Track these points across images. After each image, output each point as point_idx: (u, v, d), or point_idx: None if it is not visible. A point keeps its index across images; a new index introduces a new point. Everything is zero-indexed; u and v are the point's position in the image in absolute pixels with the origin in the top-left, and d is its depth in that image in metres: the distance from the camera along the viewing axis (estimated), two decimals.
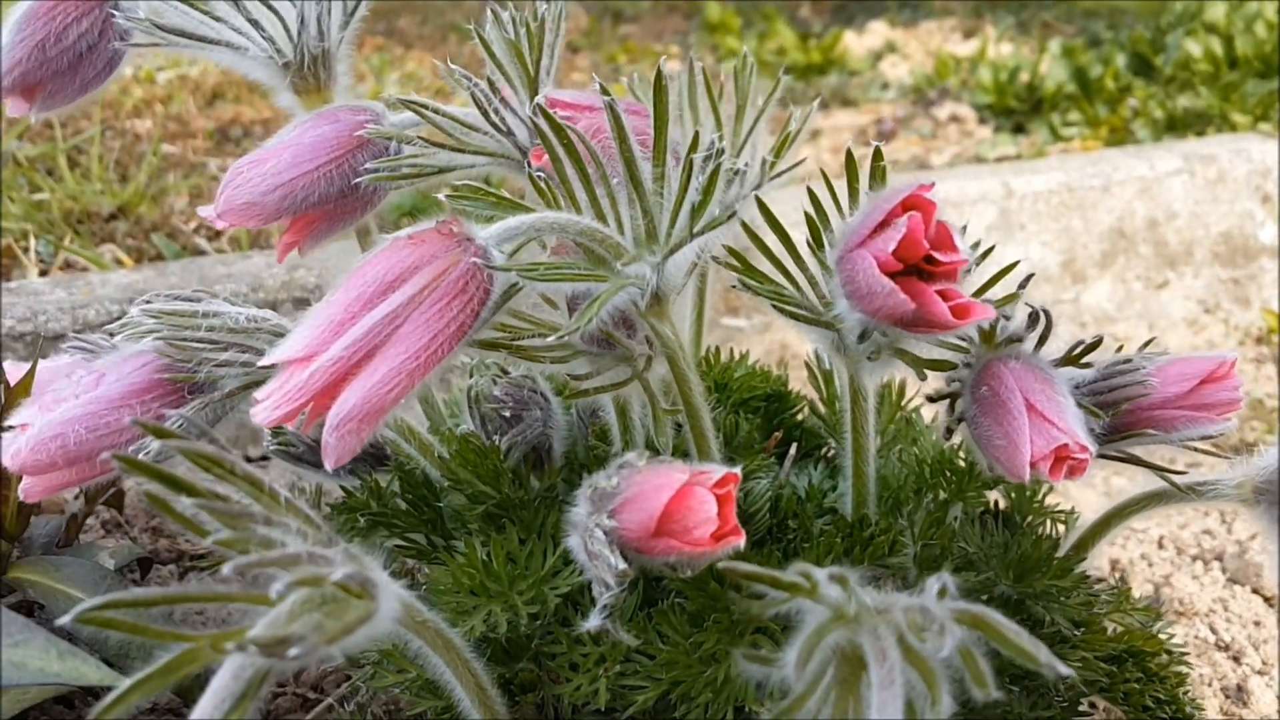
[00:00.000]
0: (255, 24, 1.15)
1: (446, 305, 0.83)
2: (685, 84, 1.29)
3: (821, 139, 4.25)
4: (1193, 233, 3.06)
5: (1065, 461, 0.87)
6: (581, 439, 1.13)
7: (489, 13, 1.07)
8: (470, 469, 1.08)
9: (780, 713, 0.64)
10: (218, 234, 2.99)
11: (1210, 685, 1.60)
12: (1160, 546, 2.01)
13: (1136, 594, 1.84)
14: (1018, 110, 4.11)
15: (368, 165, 1.10)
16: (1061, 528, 1.26)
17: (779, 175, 1.24)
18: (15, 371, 1.25)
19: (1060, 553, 1.15)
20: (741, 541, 0.79)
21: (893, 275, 0.80)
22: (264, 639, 0.63)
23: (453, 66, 1.06)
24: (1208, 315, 3.00)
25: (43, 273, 2.67)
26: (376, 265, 0.84)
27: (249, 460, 1.84)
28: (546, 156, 1.06)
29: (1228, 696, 1.59)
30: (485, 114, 1.06)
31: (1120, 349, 1.12)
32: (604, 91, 0.86)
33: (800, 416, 1.29)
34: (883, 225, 0.81)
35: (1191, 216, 3.03)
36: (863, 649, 0.68)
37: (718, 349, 1.33)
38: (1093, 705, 1.22)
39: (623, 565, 0.80)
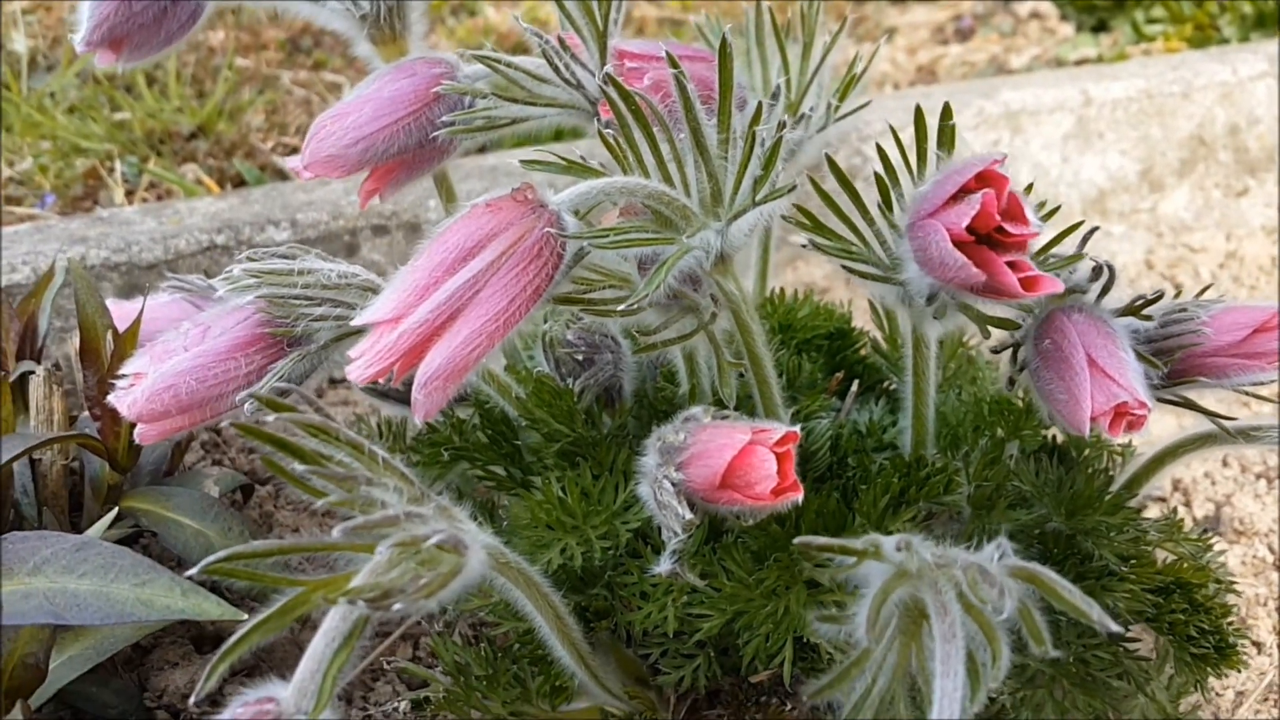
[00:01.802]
0: None
1: (523, 270, 0.88)
2: (753, 23, 1.31)
3: (898, 37, 4.17)
4: (1275, 139, 2.99)
5: (1124, 417, 0.91)
6: (650, 379, 1.19)
7: None
8: (546, 409, 1.14)
9: (851, 663, 0.70)
10: (295, 150, 3.05)
11: (1265, 605, 1.64)
12: (1224, 464, 2.02)
13: (1198, 513, 1.88)
14: (1100, 6, 3.98)
15: (444, 119, 1.15)
16: (1119, 458, 1.29)
17: (844, 117, 1.26)
18: (118, 310, 1.34)
19: (1115, 486, 1.19)
20: (800, 496, 0.85)
21: (965, 244, 0.83)
22: (367, 588, 0.71)
23: (524, 24, 1.09)
24: None
25: (128, 193, 2.76)
26: (457, 232, 0.89)
27: (333, 382, 1.93)
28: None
29: None
30: (556, 70, 1.10)
31: (1165, 285, 1.13)
32: (672, 63, 0.89)
33: (863, 352, 1.33)
34: (956, 197, 0.83)
35: (1276, 121, 2.96)
36: (924, 602, 0.73)
37: (782, 290, 1.36)
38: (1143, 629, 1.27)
39: (690, 516, 0.86)
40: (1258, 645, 1.55)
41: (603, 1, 1.09)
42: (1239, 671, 1.22)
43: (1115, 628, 0.67)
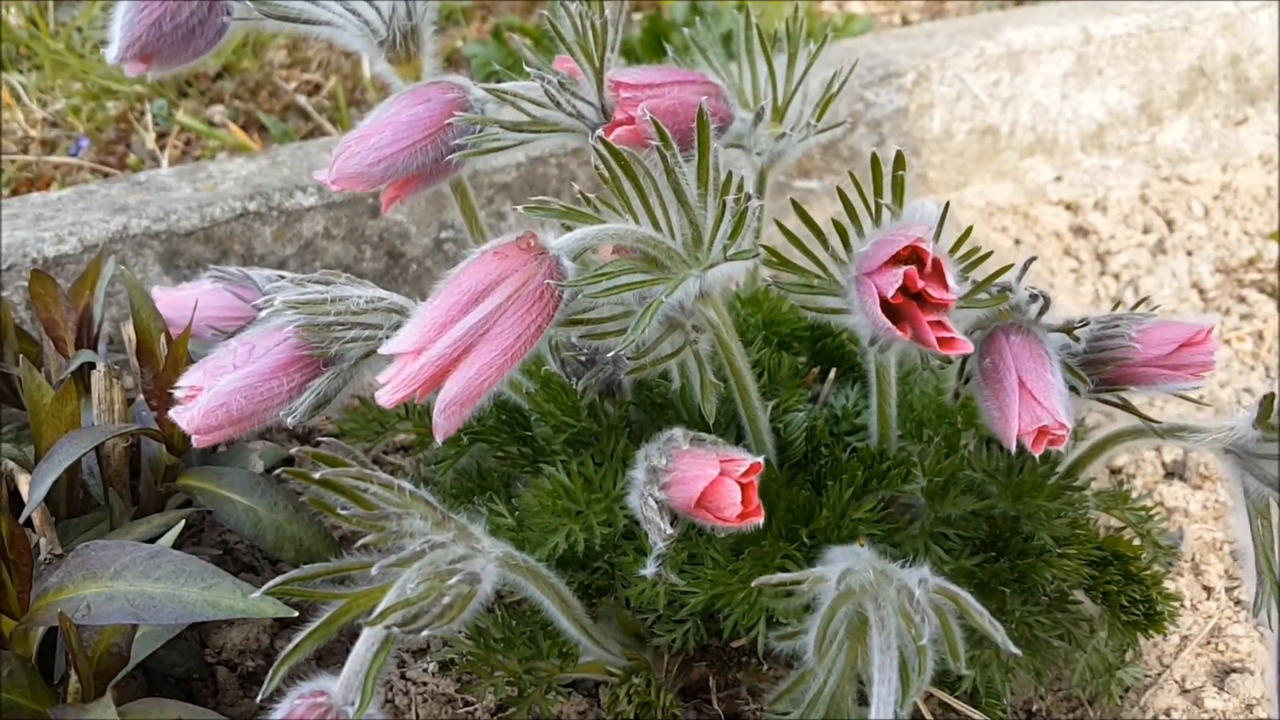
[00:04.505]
0: (352, 11, 1.30)
1: (526, 311, 1.01)
2: (743, 35, 1.41)
3: None
4: (1276, 67, 3.03)
5: (1046, 436, 1.04)
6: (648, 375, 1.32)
7: (560, 8, 1.20)
8: (554, 403, 1.29)
9: (800, 676, 0.85)
10: (317, 89, 3.15)
11: (1219, 550, 1.78)
12: (1199, 408, 2.15)
13: (1166, 458, 2.01)
14: None
15: (457, 142, 1.27)
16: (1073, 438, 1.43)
17: (824, 131, 1.37)
18: (166, 297, 1.48)
19: (1063, 466, 1.32)
20: (760, 520, 0.99)
21: (895, 301, 0.96)
22: (398, 606, 0.86)
23: (530, 68, 1.20)
24: None
25: (160, 136, 2.87)
26: (469, 276, 1.02)
27: None
28: (613, 134, 1.22)
29: (1235, 560, 1.77)
30: (558, 104, 1.21)
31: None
32: (664, 142, 1.00)
33: (844, 338, 1.46)
34: (890, 262, 0.96)
35: (1277, 50, 3.00)
36: (868, 613, 0.88)
37: (767, 288, 1.48)
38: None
39: (670, 530, 1.01)
40: (1208, 590, 1.69)
41: (599, 45, 1.20)
42: (1164, 636, 1.37)
43: (1014, 649, 0.81)
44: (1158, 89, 2.93)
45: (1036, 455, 1.05)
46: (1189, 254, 2.63)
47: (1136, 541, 1.35)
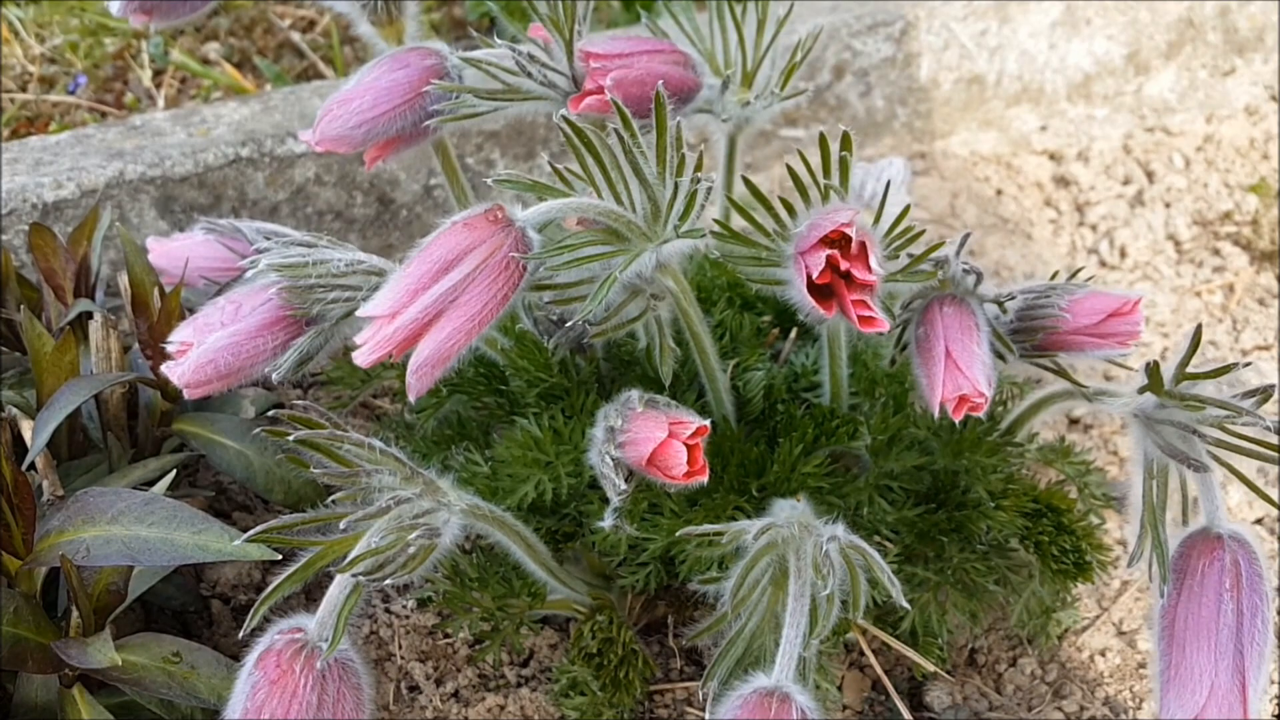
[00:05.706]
0: None
1: (494, 280, 1.08)
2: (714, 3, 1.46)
3: None
4: (1267, 17, 3.05)
5: (966, 403, 1.12)
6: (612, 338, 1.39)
7: None
8: (528, 359, 1.36)
9: (719, 617, 0.94)
10: (311, 25, 3.18)
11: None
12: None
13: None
14: None
15: (434, 108, 1.33)
16: (1018, 391, 1.50)
17: (788, 99, 1.42)
18: (159, 247, 1.54)
19: (1005, 423, 1.40)
20: (705, 478, 1.07)
21: (823, 281, 1.03)
22: (367, 555, 0.95)
23: (498, 42, 1.26)
24: (1271, 102, 3.04)
25: (157, 73, 2.92)
26: (440, 246, 1.09)
27: None
28: (583, 104, 1.29)
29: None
30: (529, 75, 1.27)
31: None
32: (625, 122, 1.06)
33: None
34: (821, 242, 1.02)
35: None
36: (789, 564, 0.97)
37: None
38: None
39: (624, 487, 1.09)
40: None
41: (568, 15, 1.25)
42: (1093, 584, 1.45)
43: (904, 603, 0.90)
44: (1146, 39, 2.95)
45: (957, 420, 1.13)
46: (1167, 206, 2.67)
47: (1075, 494, 1.43)
